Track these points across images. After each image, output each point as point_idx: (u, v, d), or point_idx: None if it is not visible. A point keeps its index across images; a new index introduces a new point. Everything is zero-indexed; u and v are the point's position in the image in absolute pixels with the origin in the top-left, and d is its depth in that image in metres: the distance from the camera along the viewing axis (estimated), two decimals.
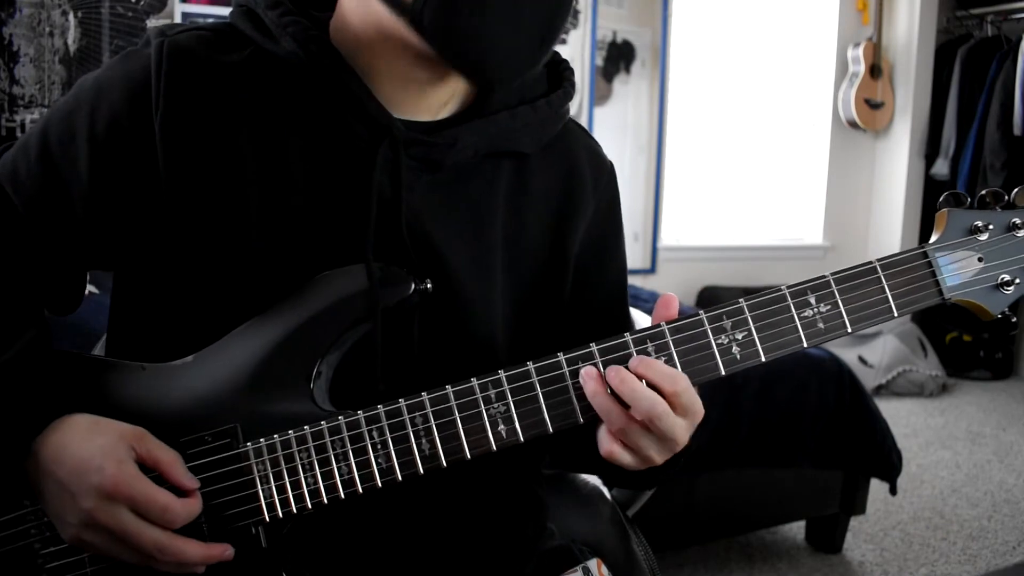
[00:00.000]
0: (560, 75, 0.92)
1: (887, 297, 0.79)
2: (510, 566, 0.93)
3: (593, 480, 1.31)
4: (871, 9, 4.71)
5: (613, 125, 4.21)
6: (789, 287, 0.79)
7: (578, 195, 0.91)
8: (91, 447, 0.72)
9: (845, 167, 4.88)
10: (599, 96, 4.14)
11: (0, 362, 0.76)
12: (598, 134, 4.10)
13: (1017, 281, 0.81)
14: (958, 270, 0.81)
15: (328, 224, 0.82)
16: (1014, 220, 0.82)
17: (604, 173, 0.95)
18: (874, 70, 4.66)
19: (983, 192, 0.83)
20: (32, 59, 2.89)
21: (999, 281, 0.81)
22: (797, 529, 2.69)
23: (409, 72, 0.81)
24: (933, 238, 0.82)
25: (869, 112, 4.70)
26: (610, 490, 1.32)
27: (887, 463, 2.44)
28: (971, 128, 4.53)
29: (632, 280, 4.02)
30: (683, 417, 0.76)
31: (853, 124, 4.74)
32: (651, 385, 0.74)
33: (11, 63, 2.87)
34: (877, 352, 4.29)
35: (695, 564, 2.47)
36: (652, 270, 4.40)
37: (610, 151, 0.98)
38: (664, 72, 4.27)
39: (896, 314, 0.80)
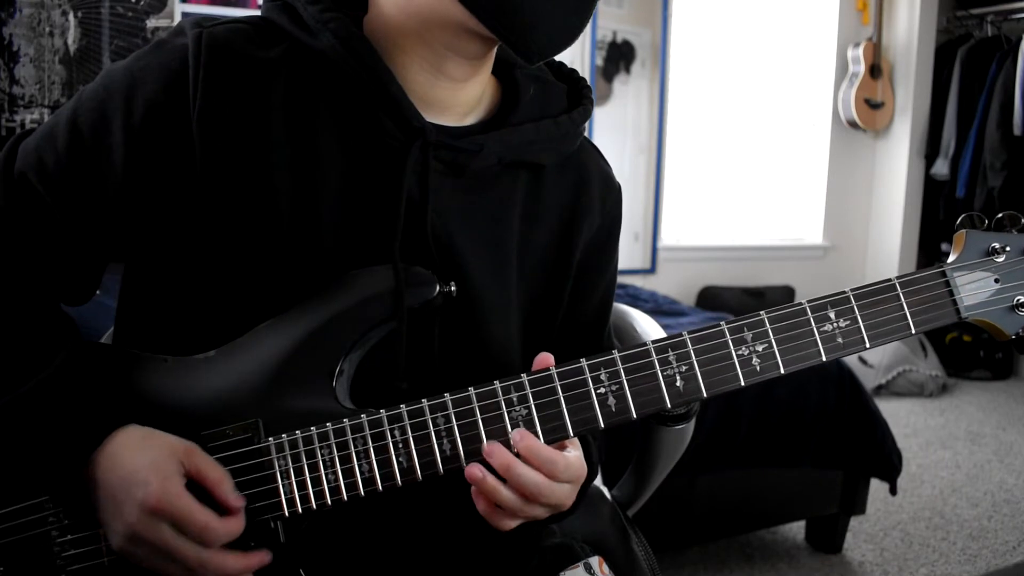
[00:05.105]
0: (580, 92, 0.93)
1: (905, 314, 0.81)
2: (513, 562, 0.94)
3: (593, 481, 1.31)
4: (871, 9, 4.71)
5: (613, 125, 4.21)
6: (809, 301, 0.80)
7: (586, 210, 0.93)
8: (140, 460, 0.73)
9: (845, 167, 4.88)
10: (599, 96, 4.14)
11: (56, 366, 0.77)
12: (598, 134, 4.11)
13: None
14: (975, 290, 0.83)
15: (356, 222, 0.82)
16: None
17: (612, 194, 0.97)
18: (874, 70, 4.66)
19: (1000, 215, 0.84)
20: (32, 59, 2.89)
21: (1015, 303, 0.83)
22: (797, 529, 2.69)
23: (445, 61, 0.82)
24: (951, 258, 0.84)
25: (869, 112, 4.70)
26: (609, 490, 1.32)
27: (887, 463, 2.44)
28: (971, 128, 4.53)
29: (632, 280, 4.03)
30: (567, 482, 0.78)
31: (853, 124, 4.74)
32: (534, 467, 0.76)
33: (11, 63, 2.87)
34: (877, 352, 4.29)
35: (695, 564, 2.47)
36: (652, 270, 4.40)
37: (610, 151, 1.00)
38: (664, 72, 4.27)
39: (913, 331, 0.81)
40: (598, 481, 1.32)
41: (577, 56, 4.05)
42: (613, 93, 4.20)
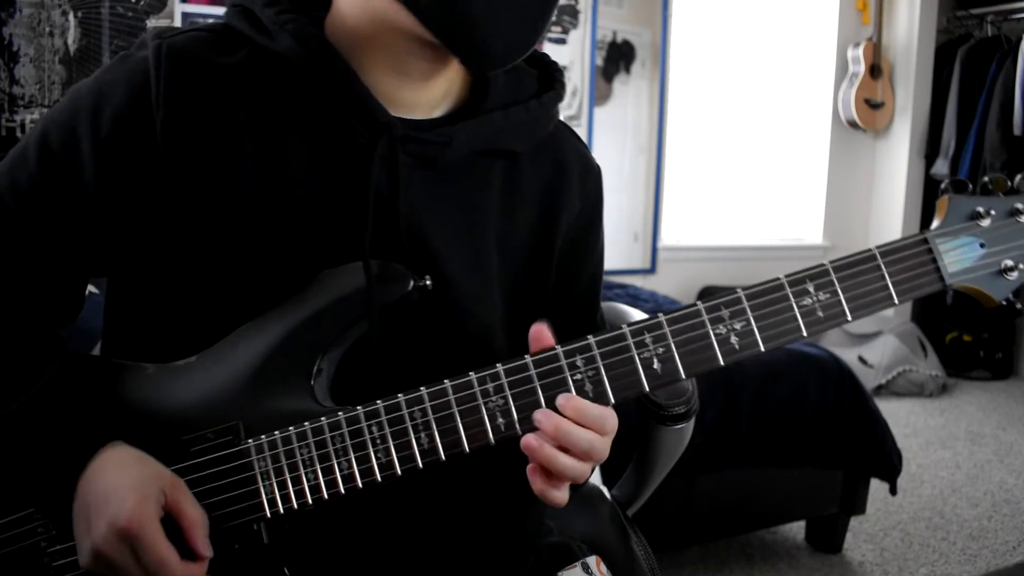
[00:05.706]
0: (551, 76, 0.93)
1: (887, 284, 0.78)
2: (509, 562, 0.94)
3: (592, 480, 1.31)
4: (871, 9, 4.71)
5: (613, 125, 4.21)
6: (787, 276, 0.78)
7: (565, 194, 0.93)
8: (123, 478, 0.73)
9: (845, 167, 4.88)
10: (599, 96, 4.14)
11: (48, 378, 0.77)
12: (598, 134, 4.11)
13: (1020, 267, 0.80)
14: (959, 256, 0.80)
15: (327, 221, 0.82)
16: (1016, 205, 0.80)
17: (591, 175, 0.96)
18: (874, 70, 4.66)
19: (986, 178, 0.82)
20: (32, 59, 2.89)
21: (1002, 267, 0.80)
22: (797, 529, 2.69)
23: (406, 63, 0.81)
24: (934, 224, 0.81)
25: (869, 112, 4.70)
26: (609, 490, 1.32)
27: (887, 463, 2.44)
28: (971, 128, 4.53)
29: (632, 280, 4.03)
30: (609, 436, 0.79)
31: (853, 124, 4.74)
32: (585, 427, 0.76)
33: (11, 63, 2.87)
34: (877, 352, 4.29)
35: (695, 564, 2.47)
36: (652, 270, 4.40)
37: (610, 151, 1.00)
38: (664, 72, 4.27)
39: (897, 300, 0.79)
40: (598, 481, 1.32)
41: (577, 56, 4.05)
42: (613, 93, 4.20)
